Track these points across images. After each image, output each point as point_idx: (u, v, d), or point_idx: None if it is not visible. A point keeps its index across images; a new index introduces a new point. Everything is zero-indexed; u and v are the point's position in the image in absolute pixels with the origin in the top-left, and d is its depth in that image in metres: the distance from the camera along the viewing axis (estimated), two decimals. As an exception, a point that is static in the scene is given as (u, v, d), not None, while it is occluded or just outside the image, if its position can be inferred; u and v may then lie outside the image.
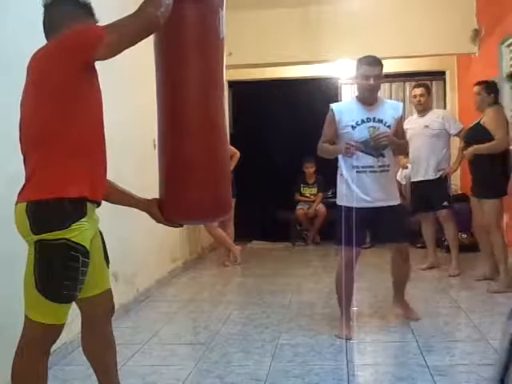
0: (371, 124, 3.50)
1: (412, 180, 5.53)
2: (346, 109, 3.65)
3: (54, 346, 2.11)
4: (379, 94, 3.76)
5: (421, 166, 5.33)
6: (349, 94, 7.79)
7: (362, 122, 3.51)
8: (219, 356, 3.26)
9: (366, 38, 6.27)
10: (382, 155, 3.51)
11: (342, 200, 3.58)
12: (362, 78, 3.57)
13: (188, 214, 2.27)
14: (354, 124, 3.51)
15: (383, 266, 5.15)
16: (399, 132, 3.64)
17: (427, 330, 3.59)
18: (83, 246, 1.96)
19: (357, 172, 3.50)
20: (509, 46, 5.42)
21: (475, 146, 4.57)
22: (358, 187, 3.49)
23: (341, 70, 7.48)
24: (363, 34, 6.27)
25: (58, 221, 1.91)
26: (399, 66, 7.41)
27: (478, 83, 4.77)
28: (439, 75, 7.69)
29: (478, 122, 4.64)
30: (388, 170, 3.55)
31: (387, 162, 3.54)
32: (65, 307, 1.99)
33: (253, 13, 6.39)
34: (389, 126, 3.53)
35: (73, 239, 1.93)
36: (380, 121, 3.53)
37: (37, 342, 1.99)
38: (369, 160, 3.48)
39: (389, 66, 7.42)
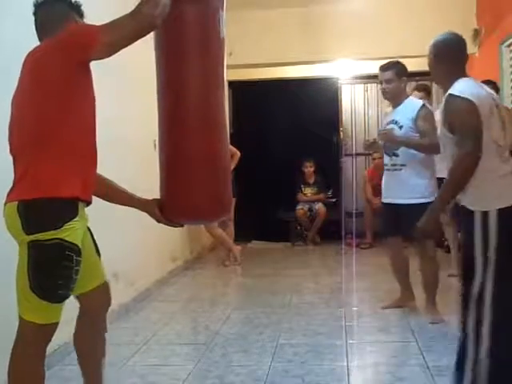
0: (390, 126, 3.77)
1: None
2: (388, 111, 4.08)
3: (55, 346, 2.12)
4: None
5: None
6: (349, 94, 7.80)
7: (388, 123, 3.83)
8: (219, 356, 3.26)
9: (366, 38, 6.28)
10: (395, 155, 3.71)
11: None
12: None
13: (188, 214, 2.27)
14: (382, 127, 3.92)
15: (383, 266, 5.15)
16: (420, 130, 3.69)
17: (427, 330, 3.59)
18: (76, 245, 1.97)
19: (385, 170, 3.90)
20: (509, 45, 5.42)
21: None
22: (383, 184, 3.91)
23: (341, 69, 7.48)
24: (363, 34, 6.28)
25: (51, 220, 1.91)
26: (399, 65, 7.40)
27: (488, 83, 4.72)
28: (439, 75, 7.68)
29: None
30: (400, 169, 3.73)
31: (400, 162, 3.72)
32: (58, 306, 2.00)
33: (253, 13, 6.39)
34: (401, 127, 3.70)
35: (66, 239, 1.93)
36: (395, 122, 3.75)
37: (32, 342, 1.99)
38: (386, 159, 3.83)
39: (389, 66, 7.50)
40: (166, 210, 2.25)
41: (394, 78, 3.76)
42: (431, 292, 3.80)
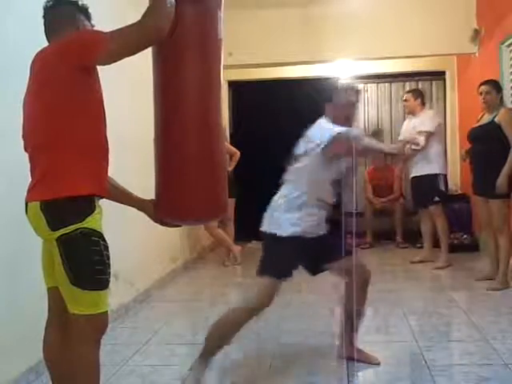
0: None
1: (411, 176, 5.83)
2: None
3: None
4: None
5: (413, 162, 5.68)
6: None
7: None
8: (219, 356, 3.25)
9: (366, 38, 6.28)
10: None
11: None
12: None
13: (183, 215, 2.27)
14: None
15: (383, 266, 5.15)
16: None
17: (427, 330, 3.59)
18: (98, 232, 2.02)
19: None
20: (509, 45, 5.41)
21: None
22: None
23: (341, 69, 7.48)
24: (363, 34, 6.28)
25: (72, 217, 1.97)
26: (399, 66, 7.41)
27: (487, 82, 4.72)
28: (439, 75, 7.69)
29: (492, 121, 4.54)
30: None
31: None
32: (102, 294, 2.03)
33: (253, 13, 6.39)
34: None
35: (88, 226, 1.99)
36: None
37: (86, 335, 2.02)
38: None
39: (389, 66, 7.51)
40: (161, 210, 2.25)
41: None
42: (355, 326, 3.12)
